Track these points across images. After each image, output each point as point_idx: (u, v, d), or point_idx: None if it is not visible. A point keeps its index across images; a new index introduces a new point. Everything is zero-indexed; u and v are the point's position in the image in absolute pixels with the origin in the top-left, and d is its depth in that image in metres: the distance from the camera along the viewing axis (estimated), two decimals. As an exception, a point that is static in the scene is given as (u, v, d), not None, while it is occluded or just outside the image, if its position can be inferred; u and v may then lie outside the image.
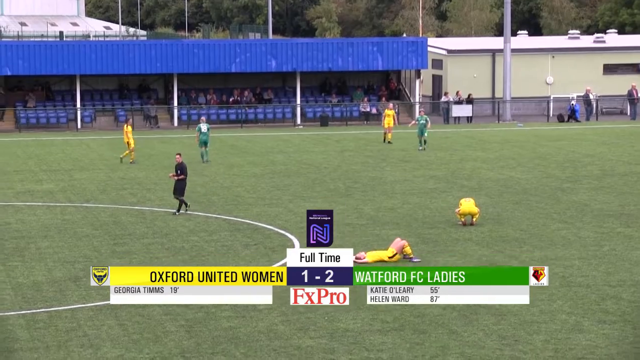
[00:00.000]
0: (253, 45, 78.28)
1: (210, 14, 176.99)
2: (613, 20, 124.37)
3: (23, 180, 46.55)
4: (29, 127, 70.67)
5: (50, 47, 74.86)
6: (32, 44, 79.46)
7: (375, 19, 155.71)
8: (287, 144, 60.77)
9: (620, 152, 54.97)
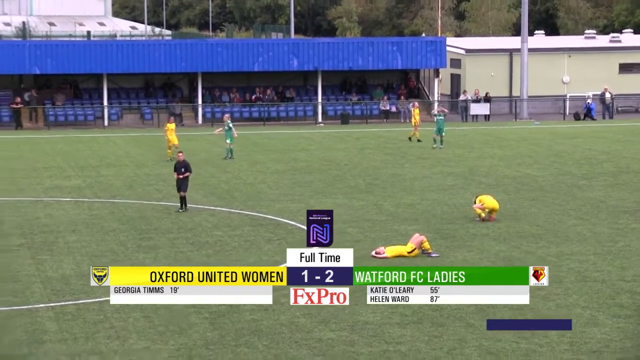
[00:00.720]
0: (275, 44, 78.36)
1: (233, 14, 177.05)
2: (629, 20, 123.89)
3: (52, 176, 46.73)
4: (58, 124, 70.86)
5: (78, 47, 75.11)
6: (60, 43, 79.72)
7: (395, 18, 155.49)
8: (308, 141, 60.80)
9: (636, 150, 54.80)
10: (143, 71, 72.98)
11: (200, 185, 43.34)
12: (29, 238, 32.86)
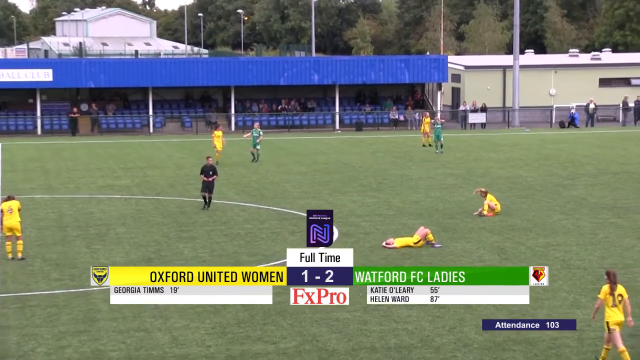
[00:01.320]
0: (298, 61, 78.43)
1: (262, 35, 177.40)
2: (608, 41, 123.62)
3: (104, 176, 46.87)
4: (109, 131, 71.11)
5: (127, 64, 75.35)
6: (112, 61, 80.00)
7: (403, 39, 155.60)
8: (327, 146, 60.82)
9: (614, 154, 54.61)
10: (183, 85, 73.12)
11: (232, 184, 43.42)
12: (84, 230, 32.97)
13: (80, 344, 20.25)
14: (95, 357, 19.60)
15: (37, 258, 28.61)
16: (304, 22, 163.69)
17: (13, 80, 69.53)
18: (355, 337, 20.70)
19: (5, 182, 44.61)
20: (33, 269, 27.25)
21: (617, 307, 18.62)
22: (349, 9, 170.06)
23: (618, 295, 18.60)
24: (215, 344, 20.35)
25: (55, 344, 20.26)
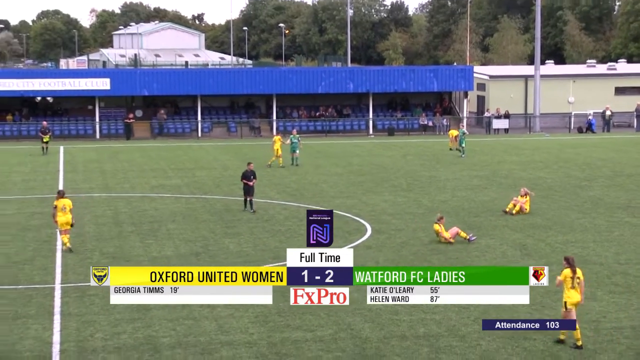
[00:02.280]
0: (335, 71, 78.46)
1: (302, 47, 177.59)
2: (623, 52, 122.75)
3: (156, 176, 47.10)
4: (161, 135, 71.47)
5: (178, 73, 75.71)
6: (164, 71, 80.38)
7: (432, 51, 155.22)
8: (361, 149, 60.75)
9: (628, 157, 54.13)
10: (229, 93, 73.37)
11: (274, 185, 43.46)
12: (138, 226, 33.14)
13: (134, 331, 20.36)
14: (147, 342, 19.69)
15: (95, 251, 28.80)
16: (340, 35, 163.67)
17: (74, 89, 70.12)
18: (387, 326, 20.64)
19: (67, 182, 44.96)
20: (92, 261, 27.42)
21: (575, 289, 19.09)
22: (382, 23, 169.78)
23: (577, 278, 19.11)
24: (257, 331, 20.38)
25: (112, 330, 20.38)
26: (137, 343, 19.65)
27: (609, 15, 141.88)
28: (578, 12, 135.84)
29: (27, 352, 19.04)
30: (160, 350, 19.20)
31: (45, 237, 30.87)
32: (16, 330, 20.10)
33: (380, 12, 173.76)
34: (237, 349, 19.33)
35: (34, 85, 69.93)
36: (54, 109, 73.60)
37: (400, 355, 18.87)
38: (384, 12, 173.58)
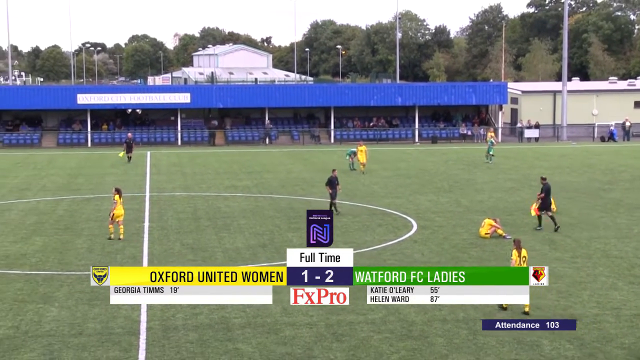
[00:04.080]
0: (386, 87, 78.27)
1: (356, 66, 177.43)
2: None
3: (229, 178, 47.35)
4: (234, 142, 71.89)
5: (248, 89, 76.13)
6: (236, 86, 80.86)
7: (471, 69, 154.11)
8: (408, 155, 60.49)
9: (646, 163, 53.21)
10: (293, 105, 73.57)
11: (332, 186, 43.40)
12: (213, 221, 33.32)
13: (210, 312, 20.44)
14: (221, 322, 19.77)
15: (176, 242, 29.00)
16: (390, 55, 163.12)
17: (159, 102, 70.86)
18: (430, 311, 20.47)
19: (153, 183, 45.39)
20: (173, 251, 27.64)
21: (522, 265, 19.91)
22: (426, 44, 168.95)
23: (523, 256, 20.30)
24: (317, 314, 20.33)
25: (191, 311, 20.50)
26: (212, 322, 19.75)
27: (629, 37, 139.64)
28: (601, 35, 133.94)
29: (118, 329, 19.24)
30: (232, 330, 19.26)
31: (134, 229, 31.18)
32: (110, 310, 20.33)
33: (425, 35, 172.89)
34: (299, 329, 19.32)
35: (125, 99, 70.80)
36: (142, 119, 74.48)
37: (442, 336, 18.70)
38: (428, 35, 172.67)
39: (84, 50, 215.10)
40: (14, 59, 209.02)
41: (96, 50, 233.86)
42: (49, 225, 32.24)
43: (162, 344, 18.23)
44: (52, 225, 32.23)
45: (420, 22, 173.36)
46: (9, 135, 70.64)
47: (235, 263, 25.63)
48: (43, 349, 17.94)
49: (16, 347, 18.06)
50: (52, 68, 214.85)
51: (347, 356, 17.57)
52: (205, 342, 18.38)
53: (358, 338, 18.67)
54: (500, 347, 18.00)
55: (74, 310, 20.46)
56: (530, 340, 18.35)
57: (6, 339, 18.63)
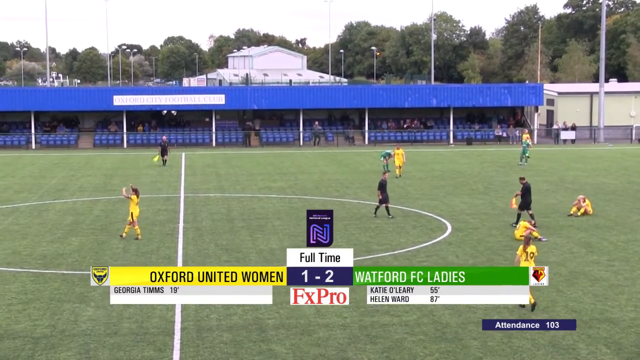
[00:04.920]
0: (420, 88, 77.96)
1: (391, 67, 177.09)
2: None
3: (264, 179, 47.47)
4: (268, 144, 72.07)
5: (283, 90, 76.26)
6: (271, 88, 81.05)
7: (506, 70, 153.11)
8: (442, 157, 60.23)
9: (685, 166, 52.47)
10: (327, 107, 73.60)
11: (366, 187, 43.36)
12: (247, 222, 33.41)
13: (243, 313, 20.51)
14: (255, 323, 19.83)
15: (211, 244, 29.12)
16: (425, 57, 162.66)
17: (194, 104, 71.26)
18: (464, 314, 20.36)
19: (187, 184, 45.65)
20: (208, 252, 27.76)
21: (529, 261, 20.50)
22: (462, 45, 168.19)
23: (530, 252, 20.63)
24: (350, 315, 20.32)
25: (224, 312, 20.58)
26: (246, 323, 19.81)
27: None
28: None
29: (153, 329, 19.37)
30: (266, 330, 19.31)
31: (169, 230, 31.38)
32: (145, 311, 20.47)
33: (460, 36, 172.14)
34: (332, 330, 19.31)
35: (161, 101, 71.29)
36: (177, 120, 74.95)
37: (476, 339, 18.59)
38: (463, 36, 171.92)
39: (120, 52, 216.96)
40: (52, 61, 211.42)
41: (132, 52, 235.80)
42: (86, 226, 32.56)
43: (196, 344, 18.32)
44: (88, 226, 32.55)
45: (455, 24, 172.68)
46: (46, 136, 71.49)
47: (269, 264, 25.65)
48: (79, 348, 18.12)
49: (53, 346, 18.26)
50: (89, 70, 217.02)
51: (381, 358, 17.53)
52: (239, 343, 18.44)
53: (392, 340, 18.62)
54: (536, 350, 17.86)
55: (109, 310, 20.64)
56: (566, 343, 18.19)
57: (43, 337, 18.85)
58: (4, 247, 28.62)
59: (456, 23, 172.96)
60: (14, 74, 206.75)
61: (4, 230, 31.69)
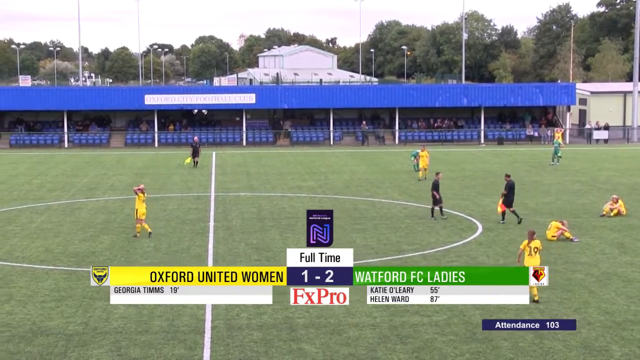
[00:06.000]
0: (451, 88, 77.63)
1: (421, 67, 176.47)
2: None
3: (294, 179, 47.52)
4: (298, 143, 72.12)
5: (313, 90, 76.28)
6: (301, 87, 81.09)
7: (538, 69, 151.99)
8: (473, 157, 59.94)
9: None
10: (358, 106, 73.53)
11: (396, 187, 43.28)
12: (277, 221, 33.46)
13: (273, 312, 20.55)
14: (285, 322, 19.86)
15: (241, 243, 29.21)
16: (456, 56, 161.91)
17: (225, 103, 71.54)
18: (496, 314, 20.24)
19: (218, 183, 45.82)
20: (238, 251, 27.85)
21: (532, 256, 20.99)
22: (493, 45, 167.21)
23: (534, 248, 21.02)
24: (380, 315, 20.29)
25: (254, 311, 20.63)
26: (276, 322, 19.85)
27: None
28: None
29: (184, 327, 19.48)
30: (296, 329, 19.33)
31: (199, 229, 31.52)
32: (175, 309, 20.59)
33: (491, 35, 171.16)
34: (362, 330, 19.30)
35: (191, 100, 71.65)
36: (207, 120, 75.28)
37: (507, 340, 18.48)
38: (495, 35, 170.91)
39: (152, 52, 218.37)
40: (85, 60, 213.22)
41: (163, 52, 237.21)
42: (117, 224, 32.80)
43: (226, 343, 18.39)
44: (119, 224, 32.79)
45: (486, 23, 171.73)
46: (79, 135, 72.14)
47: (299, 263, 25.67)
48: (111, 345, 18.26)
49: (85, 343, 18.42)
50: (120, 69, 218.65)
51: (411, 358, 17.48)
52: (269, 342, 18.48)
53: (422, 340, 18.57)
54: (568, 351, 17.72)
55: (140, 308, 20.77)
56: (599, 345, 18.04)
57: (76, 334, 19.02)
58: (37, 245, 28.93)
59: (487, 22, 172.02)
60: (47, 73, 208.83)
61: (37, 229, 32.03)
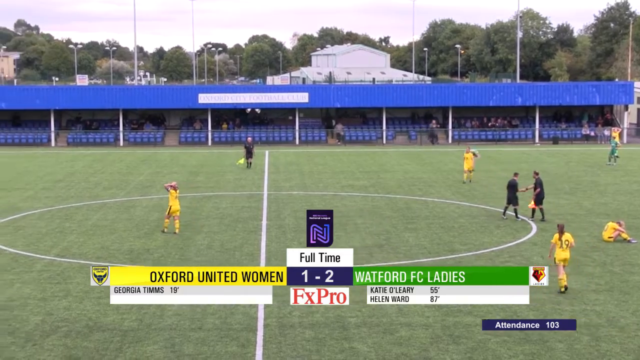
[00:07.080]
0: (505, 87, 76.94)
1: (475, 65, 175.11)
2: None
3: (346, 178, 47.50)
4: (351, 142, 72.12)
5: (366, 89, 76.21)
6: (354, 86, 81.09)
7: (595, 68, 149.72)
8: (528, 156, 59.29)
9: None
10: (410, 105, 73.24)
11: (449, 186, 43.03)
12: (330, 220, 33.41)
13: (325, 310, 20.57)
14: (337, 321, 19.87)
15: (293, 241, 29.28)
16: (510, 55, 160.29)
17: (278, 102, 71.82)
18: (550, 314, 20.01)
19: (271, 181, 46.02)
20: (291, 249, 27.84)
21: (563, 249, 21.54)
22: (548, 43, 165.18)
23: (565, 240, 21.57)
24: (433, 315, 20.19)
25: (307, 309, 20.66)
26: (328, 321, 19.87)
27: None
28: None
29: (237, 325, 19.60)
30: (348, 328, 19.33)
31: (252, 227, 31.68)
32: (228, 307, 20.73)
33: (547, 33, 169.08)
34: (414, 329, 19.22)
35: (245, 99, 72.08)
36: (260, 119, 75.66)
37: (562, 342, 18.24)
38: (550, 33, 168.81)
39: (206, 51, 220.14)
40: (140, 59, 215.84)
41: (217, 51, 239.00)
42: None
43: (278, 341, 18.46)
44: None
45: (542, 21, 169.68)
46: (134, 133, 73.06)
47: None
48: (165, 342, 18.46)
49: (140, 340, 18.65)
50: (175, 68, 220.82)
51: (464, 359, 17.36)
52: (321, 340, 18.51)
53: (475, 340, 18.42)
54: (625, 354, 17.43)
55: (194, 305, 20.95)
56: (656, 348, 17.72)
57: (131, 331, 19.27)
58: (93, 242, 29.37)
59: (543, 20, 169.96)
60: (104, 72, 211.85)
61: (93, 226, 32.52)
